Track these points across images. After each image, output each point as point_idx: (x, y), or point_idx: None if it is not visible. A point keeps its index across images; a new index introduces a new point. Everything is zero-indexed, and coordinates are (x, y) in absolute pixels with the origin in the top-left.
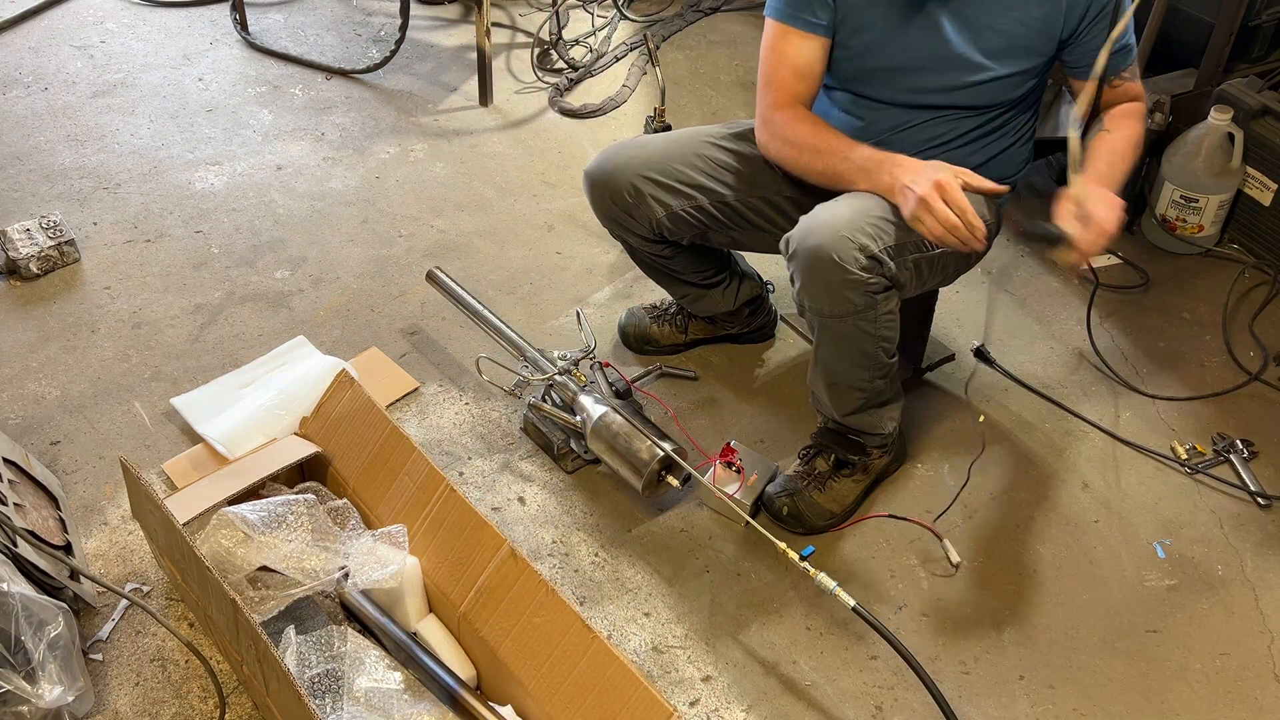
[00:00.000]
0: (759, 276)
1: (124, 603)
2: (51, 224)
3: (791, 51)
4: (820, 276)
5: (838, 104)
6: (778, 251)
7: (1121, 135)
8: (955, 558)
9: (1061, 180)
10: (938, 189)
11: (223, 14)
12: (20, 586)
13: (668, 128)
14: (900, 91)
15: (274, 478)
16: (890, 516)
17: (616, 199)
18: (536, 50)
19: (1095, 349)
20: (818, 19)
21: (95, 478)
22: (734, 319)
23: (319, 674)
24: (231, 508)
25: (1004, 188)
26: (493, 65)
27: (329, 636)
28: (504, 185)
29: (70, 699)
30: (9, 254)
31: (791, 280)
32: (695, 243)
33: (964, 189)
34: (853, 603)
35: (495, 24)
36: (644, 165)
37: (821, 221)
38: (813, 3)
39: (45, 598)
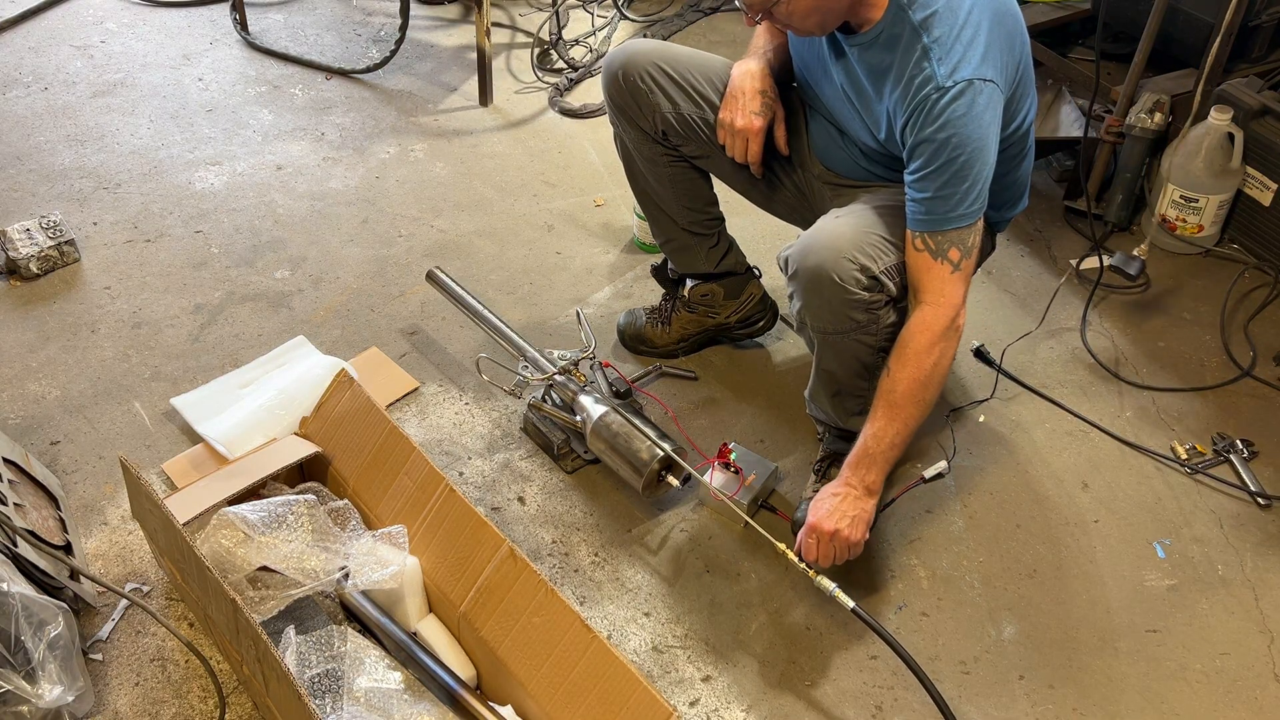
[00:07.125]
0: (752, 268)
1: (124, 603)
2: (51, 224)
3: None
4: (820, 296)
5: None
6: (765, 205)
7: (900, 379)
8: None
9: (1061, 180)
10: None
11: (223, 14)
12: (20, 586)
13: None
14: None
15: (274, 478)
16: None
17: (628, 79)
18: (536, 50)
19: (1093, 349)
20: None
21: (95, 478)
22: (713, 299)
23: (319, 674)
24: (231, 508)
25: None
26: (493, 65)
27: (329, 636)
28: (504, 185)
29: (70, 699)
30: (9, 254)
31: (791, 298)
32: (692, 163)
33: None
34: (852, 604)
35: (495, 24)
36: (666, 60)
37: (822, 241)
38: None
39: (45, 598)
